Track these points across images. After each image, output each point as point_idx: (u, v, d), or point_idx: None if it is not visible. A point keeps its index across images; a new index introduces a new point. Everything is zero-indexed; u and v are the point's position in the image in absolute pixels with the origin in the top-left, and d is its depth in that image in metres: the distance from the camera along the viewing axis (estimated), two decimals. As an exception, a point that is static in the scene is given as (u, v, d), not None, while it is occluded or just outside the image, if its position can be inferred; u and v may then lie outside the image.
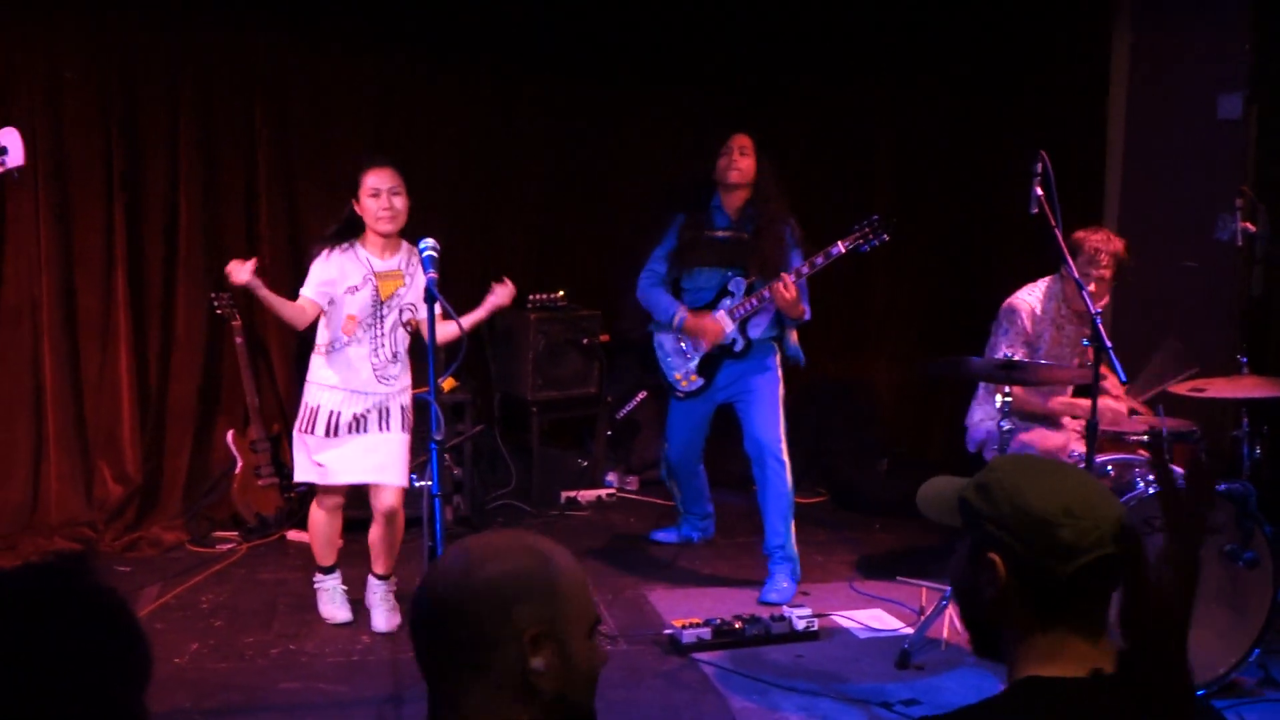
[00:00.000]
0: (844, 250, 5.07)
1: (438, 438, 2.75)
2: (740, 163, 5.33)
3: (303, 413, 4.71)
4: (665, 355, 5.58)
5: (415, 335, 4.80)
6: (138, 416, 6.07)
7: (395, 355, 4.71)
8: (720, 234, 5.40)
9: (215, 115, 6.24)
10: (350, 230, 4.66)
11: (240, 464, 6.11)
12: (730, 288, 5.38)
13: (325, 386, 4.67)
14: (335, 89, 6.57)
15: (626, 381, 7.06)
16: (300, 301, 4.63)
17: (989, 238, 6.86)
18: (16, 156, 3.86)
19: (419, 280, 4.52)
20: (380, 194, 4.55)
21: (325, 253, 4.65)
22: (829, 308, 7.27)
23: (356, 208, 4.62)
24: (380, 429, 4.67)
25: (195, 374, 6.25)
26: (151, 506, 6.10)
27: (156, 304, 6.16)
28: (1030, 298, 4.93)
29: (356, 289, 4.63)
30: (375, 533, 4.81)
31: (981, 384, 5.21)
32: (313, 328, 4.75)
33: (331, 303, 4.65)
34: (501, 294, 4.71)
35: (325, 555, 4.92)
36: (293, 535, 6.04)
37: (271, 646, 4.69)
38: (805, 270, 5.15)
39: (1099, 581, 1.64)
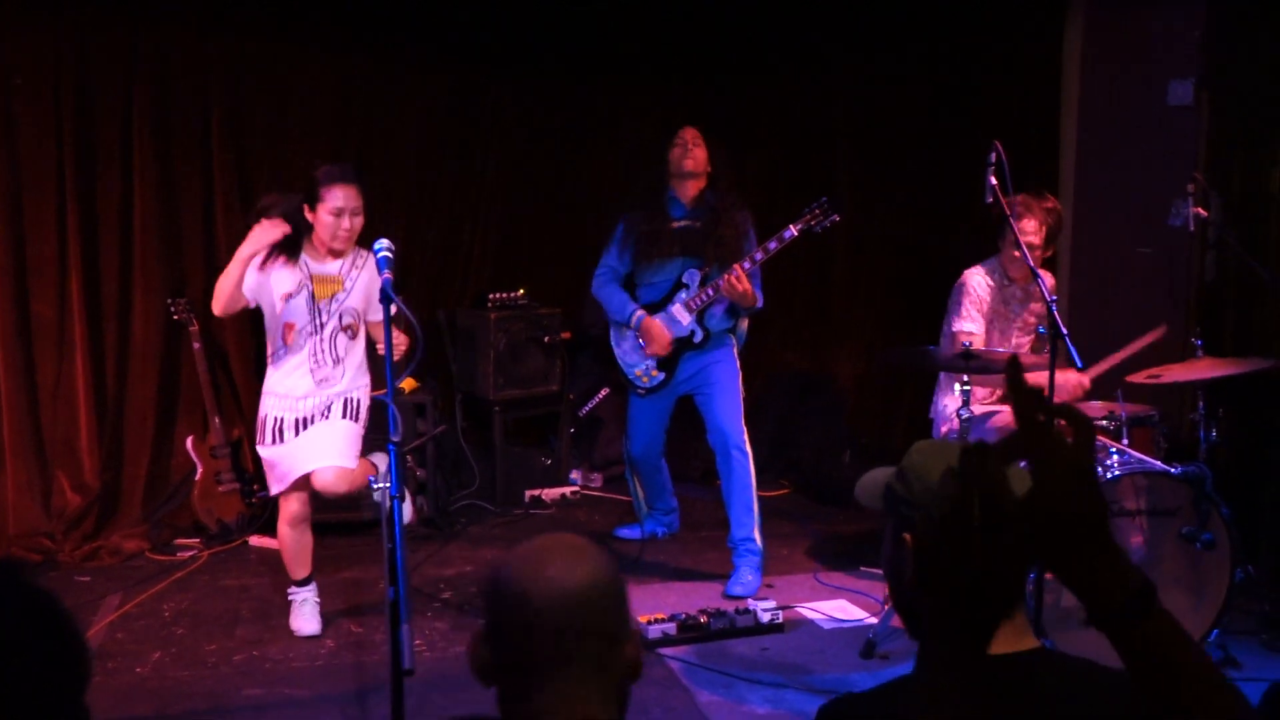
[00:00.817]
0: (796, 233, 5.10)
1: (395, 439, 2.74)
2: (694, 152, 5.36)
3: (258, 425, 4.67)
4: (624, 353, 5.57)
5: (370, 340, 4.75)
6: (95, 424, 6.01)
7: (337, 360, 4.62)
8: (677, 224, 5.41)
9: (170, 119, 6.17)
10: (294, 243, 4.55)
11: (200, 470, 6.06)
12: (685, 279, 5.39)
13: (271, 394, 4.63)
14: (292, 91, 6.52)
15: (589, 379, 7.05)
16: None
17: (948, 226, 6.89)
18: None
19: (362, 286, 4.60)
20: (342, 214, 4.47)
21: (260, 259, 4.51)
22: (791, 300, 7.31)
23: (310, 216, 4.52)
24: (321, 418, 4.60)
25: (153, 380, 6.19)
26: (111, 515, 6.04)
27: (113, 311, 6.09)
28: (976, 272, 5.07)
29: (291, 295, 4.53)
30: (304, 535, 4.79)
31: (942, 373, 5.25)
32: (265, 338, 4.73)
33: (258, 295, 4.56)
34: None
35: (297, 568, 4.80)
36: (255, 541, 6.00)
37: (235, 653, 4.66)
38: (759, 256, 5.17)
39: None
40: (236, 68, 6.33)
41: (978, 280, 5.06)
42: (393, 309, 3.10)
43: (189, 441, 6.12)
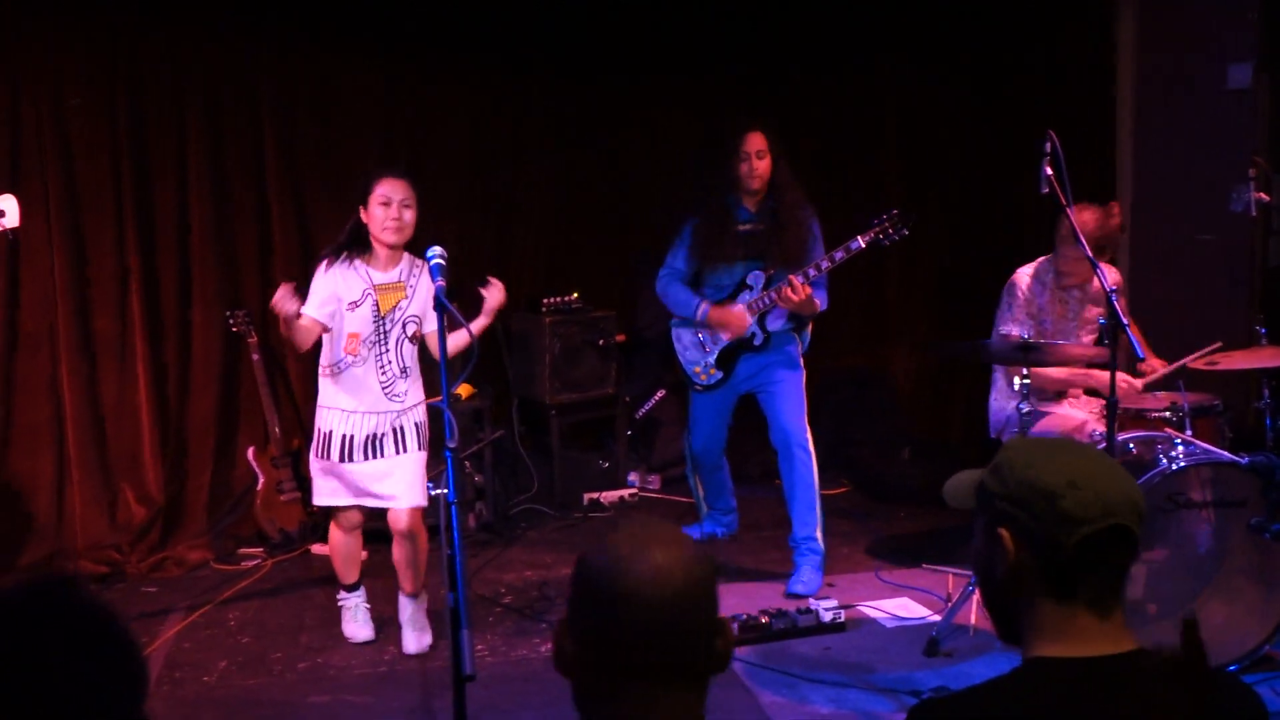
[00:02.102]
0: (864, 245, 5.06)
1: (452, 445, 2.75)
2: (759, 167, 5.30)
3: (316, 438, 4.59)
4: (684, 349, 5.57)
5: (423, 347, 4.68)
6: (158, 437, 6.09)
7: (404, 370, 4.55)
8: (743, 227, 5.38)
9: (223, 133, 6.25)
10: (354, 242, 4.52)
11: (262, 480, 6.12)
12: (749, 281, 5.37)
13: (334, 409, 4.54)
14: (341, 101, 6.57)
15: (644, 380, 7.05)
16: (303, 322, 4.45)
17: (1001, 220, 6.83)
18: (12, 219, 4.05)
19: (422, 292, 4.52)
20: (391, 204, 4.41)
21: (324, 267, 4.51)
22: (844, 298, 7.23)
23: (364, 215, 4.48)
24: (397, 451, 4.54)
25: (213, 392, 6.27)
26: (176, 526, 6.11)
27: (173, 324, 6.18)
28: (1026, 271, 5.01)
29: (356, 304, 4.47)
30: (398, 553, 4.70)
31: (997, 368, 5.20)
32: (318, 348, 4.65)
33: (333, 317, 4.50)
34: (494, 294, 4.55)
35: (347, 573, 4.83)
36: (317, 549, 6.05)
37: (299, 660, 4.70)
38: (825, 265, 5.15)
39: (1106, 554, 1.64)
40: (285, 80, 6.39)
41: (1025, 281, 5.01)
42: (446, 318, 3.11)
43: (250, 452, 6.19)
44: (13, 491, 5.77)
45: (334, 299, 4.47)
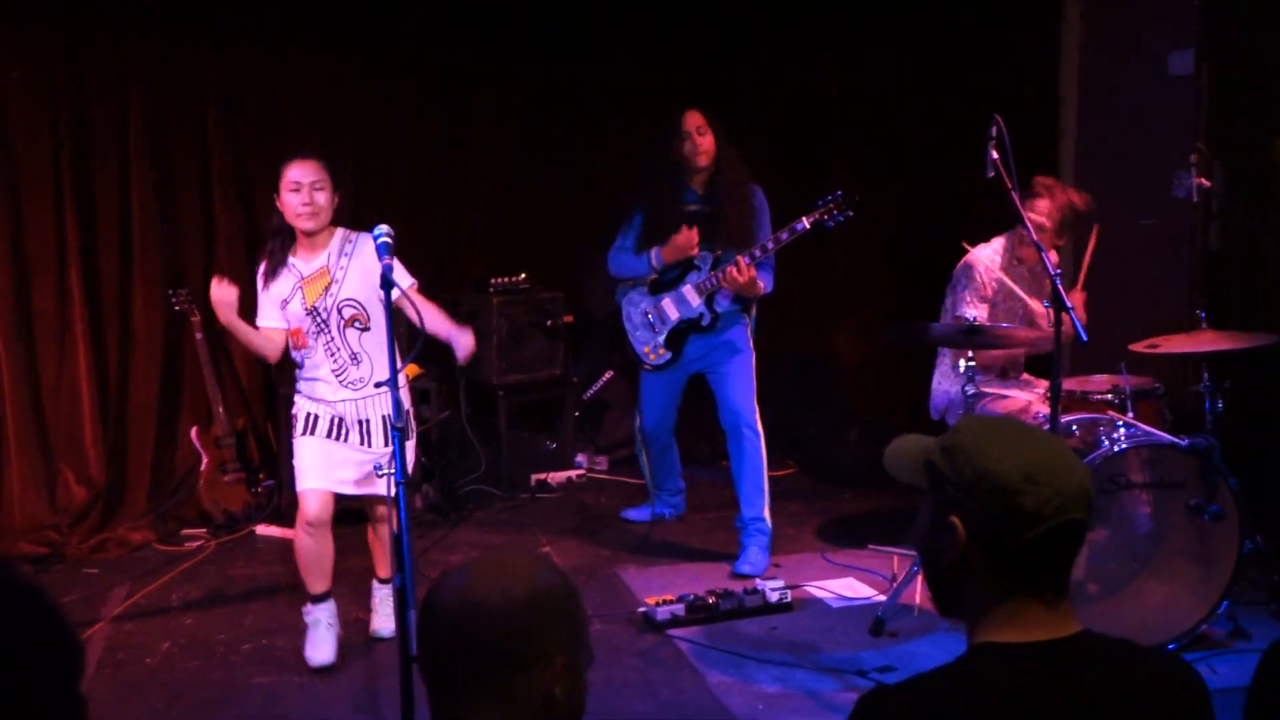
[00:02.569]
0: (808, 226, 5.07)
1: (399, 425, 2.74)
2: (701, 143, 5.31)
3: (297, 421, 4.40)
4: (634, 329, 5.56)
5: (405, 325, 4.53)
6: (99, 417, 6.01)
7: (354, 356, 4.30)
8: (690, 208, 5.38)
9: (165, 113, 6.16)
10: (279, 236, 4.31)
11: (205, 460, 6.06)
12: (697, 262, 5.36)
13: (304, 397, 4.38)
14: (286, 84, 6.51)
15: (592, 362, 7.05)
16: (263, 331, 4.35)
17: (946, 204, 6.87)
18: None
19: (356, 273, 4.24)
20: (301, 188, 4.14)
21: (261, 280, 4.35)
22: (790, 280, 7.25)
23: (280, 205, 4.23)
24: (363, 444, 4.33)
25: (156, 372, 6.19)
26: (117, 507, 6.04)
27: (113, 303, 6.09)
28: (986, 253, 5.03)
29: (287, 300, 4.28)
30: (372, 536, 4.60)
31: (943, 349, 5.24)
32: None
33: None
34: (464, 343, 4.24)
35: (314, 581, 4.39)
36: (262, 530, 6.00)
37: (244, 642, 4.66)
38: (771, 246, 5.16)
39: (1059, 547, 1.65)
40: (229, 62, 6.32)
41: (984, 262, 5.02)
42: (394, 294, 3.07)
43: (193, 432, 6.12)
44: (-51, 472, 5.68)
45: (278, 302, 4.32)
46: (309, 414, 4.32)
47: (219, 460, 6.09)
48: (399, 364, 3.04)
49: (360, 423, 4.32)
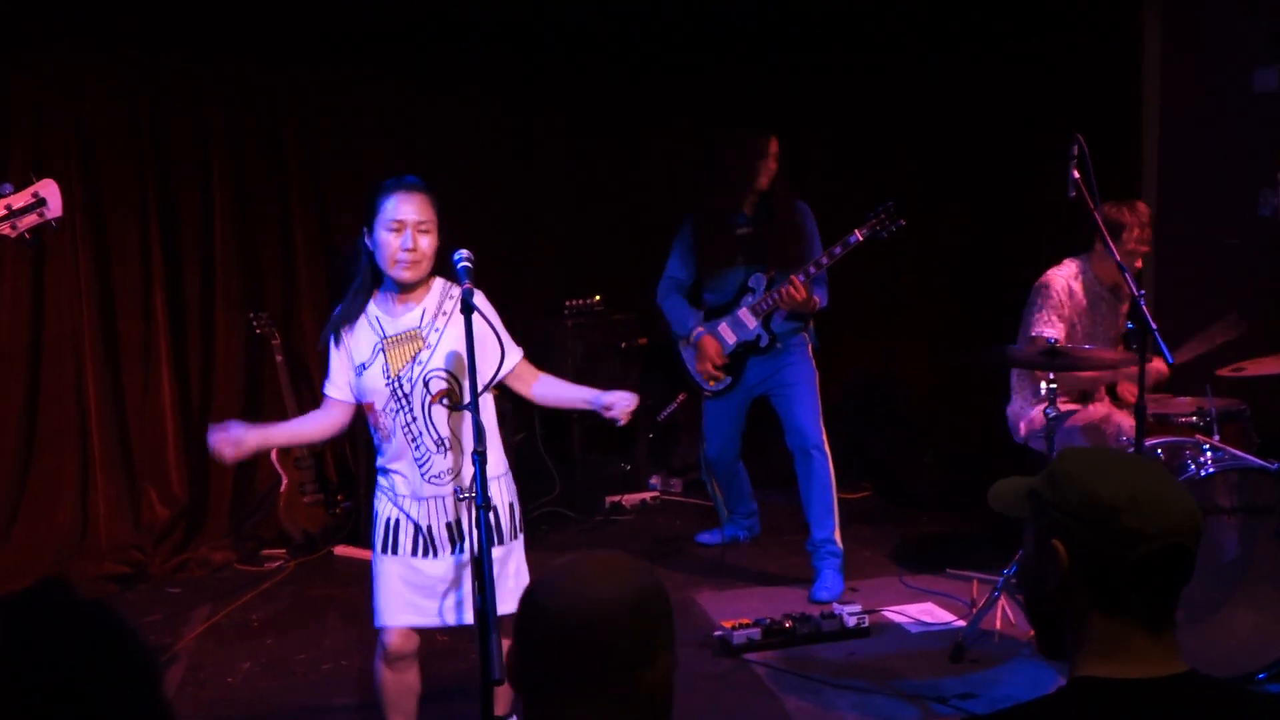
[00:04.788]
0: (861, 239, 5.07)
1: (480, 449, 2.74)
2: (772, 166, 5.32)
3: (375, 530, 3.53)
4: (690, 357, 5.58)
5: (511, 397, 3.75)
6: (182, 438, 6.13)
7: (440, 443, 3.35)
8: (740, 231, 5.39)
9: (245, 140, 6.30)
10: (364, 286, 3.42)
11: (285, 482, 6.14)
12: (750, 284, 5.38)
13: (386, 493, 3.47)
14: (359, 108, 6.63)
15: (666, 384, 7.03)
16: (324, 408, 3.52)
17: (1019, 222, 6.79)
18: (55, 208, 3.88)
19: (452, 336, 3.35)
20: (404, 229, 3.29)
21: (333, 338, 3.44)
22: (860, 302, 7.25)
23: (369, 244, 3.36)
24: (455, 550, 3.41)
25: (237, 394, 6.30)
26: (199, 527, 6.14)
27: (196, 327, 6.22)
28: (1063, 274, 4.98)
29: (365, 365, 3.37)
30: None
31: (1015, 371, 5.17)
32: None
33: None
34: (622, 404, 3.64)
35: (391, 712, 3.64)
36: (340, 551, 6.07)
37: (323, 662, 4.71)
38: (825, 262, 5.16)
39: (1163, 572, 1.60)
40: (305, 87, 6.46)
41: (1062, 282, 4.96)
42: (475, 319, 3.02)
43: (273, 454, 6.20)
44: (38, 493, 5.80)
45: (353, 368, 3.41)
46: (389, 520, 3.44)
47: (298, 481, 6.16)
48: (479, 389, 3.01)
49: (449, 525, 3.41)
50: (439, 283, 3.43)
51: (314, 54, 6.40)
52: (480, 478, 2.70)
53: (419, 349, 3.32)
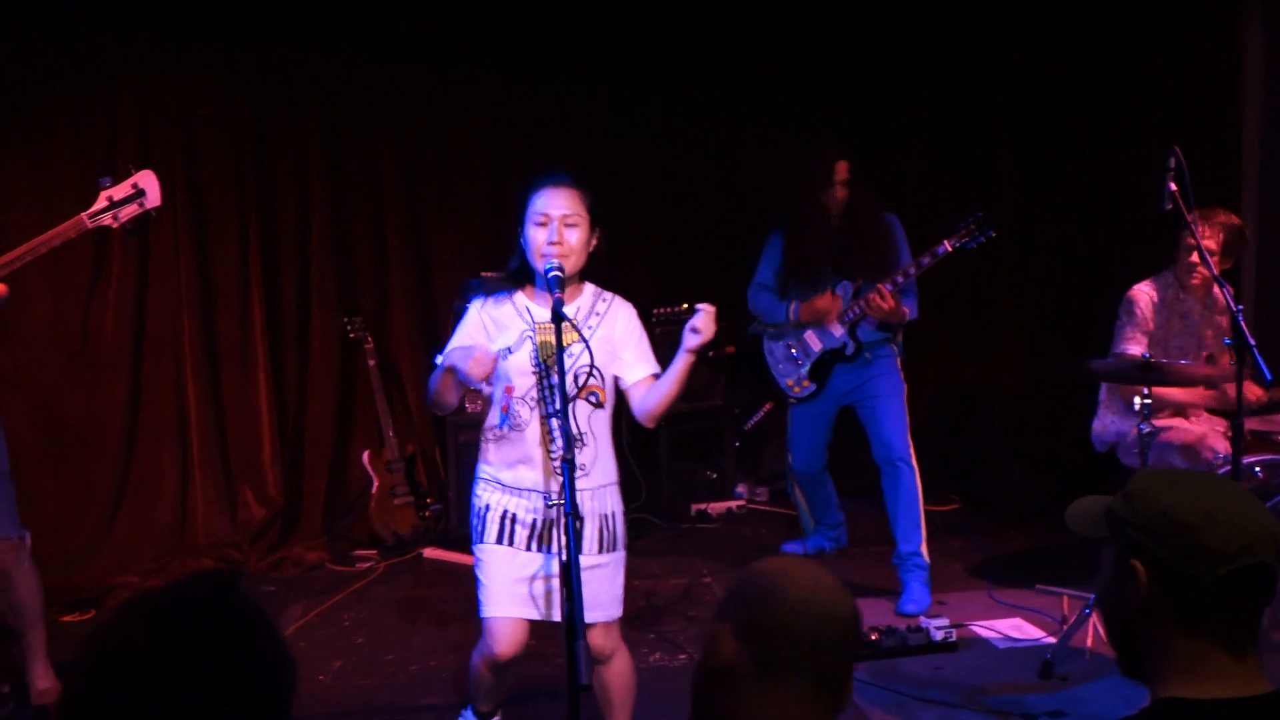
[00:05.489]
0: (950, 249, 5.03)
1: (568, 456, 2.77)
2: (842, 194, 5.33)
3: (474, 514, 3.46)
4: (776, 362, 5.59)
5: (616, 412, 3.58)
6: (277, 439, 6.26)
7: (580, 437, 3.37)
8: (828, 240, 5.38)
9: (341, 145, 6.43)
10: (516, 275, 3.46)
11: (376, 484, 6.24)
12: (837, 292, 5.36)
13: (493, 483, 3.42)
14: (454, 114, 6.72)
15: (753, 392, 7.04)
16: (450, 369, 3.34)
17: (1116, 234, 6.68)
18: (154, 198, 3.96)
19: (606, 339, 3.43)
20: (549, 222, 3.32)
21: (477, 305, 3.47)
22: (952, 313, 7.18)
23: (522, 240, 3.39)
24: (560, 541, 3.30)
25: (331, 397, 6.42)
26: (293, 527, 6.27)
27: (292, 330, 6.35)
28: (1146, 289, 4.90)
29: (513, 350, 3.37)
30: (599, 681, 3.60)
31: (1104, 385, 5.10)
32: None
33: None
34: (704, 325, 3.41)
35: (482, 701, 3.68)
36: (429, 553, 6.15)
37: (412, 663, 4.78)
38: (912, 271, 5.14)
39: (1245, 591, 1.59)
40: (400, 94, 6.56)
41: (1144, 298, 4.89)
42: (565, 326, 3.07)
43: (365, 456, 6.31)
44: (139, 489, 5.97)
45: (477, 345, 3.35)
46: (505, 512, 3.37)
47: (389, 484, 6.26)
48: (571, 393, 3.03)
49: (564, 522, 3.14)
50: (590, 286, 3.52)
51: (410, 54, 6.51)
52: (569, 485, 2.73)
53: (571, 341, 3.29)
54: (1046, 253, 7.19)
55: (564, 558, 2.63)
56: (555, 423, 3.26)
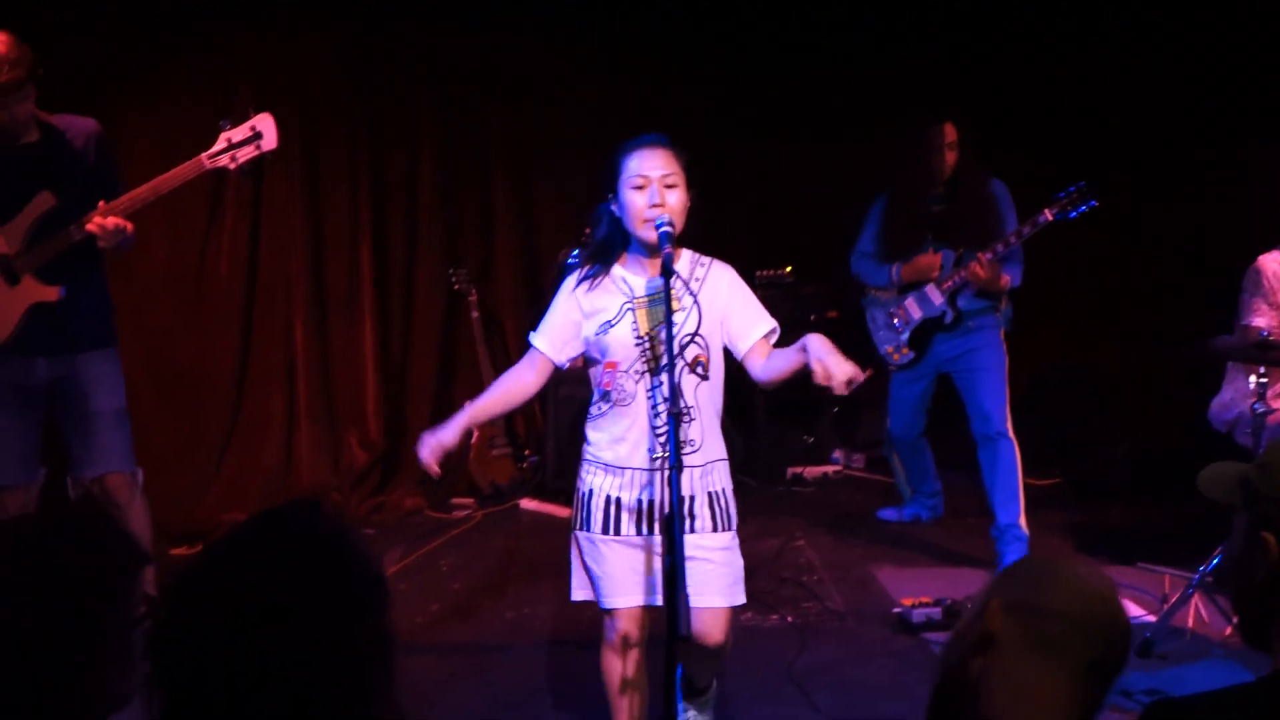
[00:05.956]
0: (1050, 218, 4.94)
1: (674, 410, 2.76)
2: (950, 158, 5.26)
3: (575, 505, 3.30)
4: (877, 329, 5.55)
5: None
6: (381, 386, 6.37)
7: (685, 412, 3.11)
8: (932, 208, 5.32)
9: (452, 102, 6.53)
10: (607, 248, 3.26)
11: (476, 434, 6.32)
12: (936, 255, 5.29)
13: (597, 465, 3.24)
14: (563, 85, 6.77)
15: (853, 357, 6.97)
16: (526, 360, 3.32)
17: (1233, 205, 6.48)
18: (270, 141, 4.03)
19: (710, 305, 3.24)
20: (648, 184, 3.13)
21: (569, 286, 3.28)
22: (1056, 284, 7.04)
23: (614, 207, 3.21)
24: (685, 529, 3.07)
25: (434, 346, 6.52)
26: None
27: (399, 280, 6.45)
28: (1272, 257, 4.72)
29: (611, 324, 3.19)
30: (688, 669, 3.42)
31: (1230, 366, 4.96)
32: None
33: (584, 353, 3.27)
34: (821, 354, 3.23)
35: (620, 713, 3.36)
36: (526, 504, 6.23)
37: (507, 610, 4.86)
38: (1013, 241, 5.06)
39: None
40: (513, 61, 6.64)
41: (1272, 267, 4.73)
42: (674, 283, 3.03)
43: (465, 406, 6.38)
44: (247, 432, 6.12)
45: (575, 327, 3.24)
46: (609, 498, 3.20)
47: (489, 435, 6.34)
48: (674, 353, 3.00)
49: (686, 500, 3.14)
50: (687, 251, 3.30)
51: (525, 27, 6.56)
52: (674, 437, 2.72)
53: (673, 310, 3.05)
54: (1160, 225, 7.00)
55: (664, 513, 2.64)
56: (662, 378, 3.09)
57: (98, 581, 1.61)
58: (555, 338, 3.25)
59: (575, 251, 6.36)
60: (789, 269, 6.89)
